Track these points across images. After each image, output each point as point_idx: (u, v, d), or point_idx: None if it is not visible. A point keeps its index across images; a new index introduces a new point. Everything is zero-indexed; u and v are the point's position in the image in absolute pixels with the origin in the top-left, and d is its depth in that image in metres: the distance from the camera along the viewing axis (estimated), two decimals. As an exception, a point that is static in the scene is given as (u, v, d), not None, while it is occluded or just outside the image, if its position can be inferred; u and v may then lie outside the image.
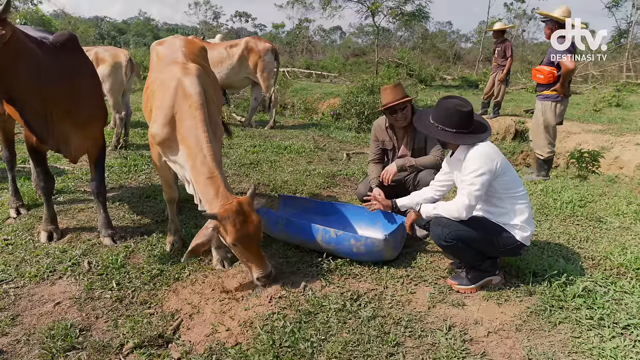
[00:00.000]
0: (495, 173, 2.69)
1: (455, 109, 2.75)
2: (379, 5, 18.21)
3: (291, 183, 5.03)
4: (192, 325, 2.58)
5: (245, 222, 2.65)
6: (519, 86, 16.85)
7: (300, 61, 24.02)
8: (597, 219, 4.16)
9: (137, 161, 5.61)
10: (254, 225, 2.68)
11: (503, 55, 8.98)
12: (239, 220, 2.62)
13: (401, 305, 2.73)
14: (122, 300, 2.77)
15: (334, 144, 7.33)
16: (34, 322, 2.54)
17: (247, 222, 2.65)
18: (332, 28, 46.95)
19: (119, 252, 3.32)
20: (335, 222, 3.69)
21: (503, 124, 9.22)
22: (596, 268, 3.23)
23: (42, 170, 3.49)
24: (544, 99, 5.42)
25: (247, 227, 2.65)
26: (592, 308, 2.67)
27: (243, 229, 2.63)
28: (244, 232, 2.64)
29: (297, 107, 10.92)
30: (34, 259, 3.19)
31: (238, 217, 2.62)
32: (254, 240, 2.71)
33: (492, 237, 2.75)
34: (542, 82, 5.36)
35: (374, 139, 3.85)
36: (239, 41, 8.24)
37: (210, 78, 3.38)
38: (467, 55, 34.63)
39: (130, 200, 4.39)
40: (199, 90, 2.90)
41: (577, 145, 8.16)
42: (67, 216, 3.95)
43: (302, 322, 2.53)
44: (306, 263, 3.21)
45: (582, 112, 11.00)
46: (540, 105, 5.50)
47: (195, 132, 2.80)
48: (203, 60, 3.63)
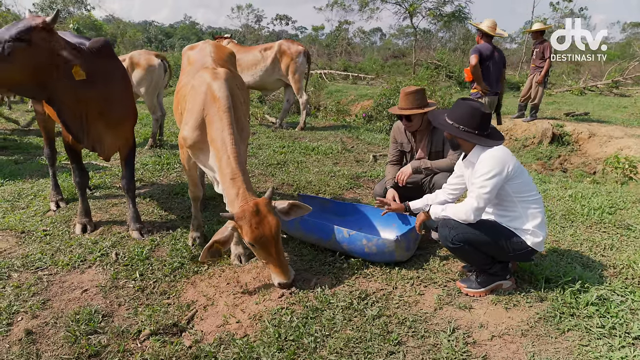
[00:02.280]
0: (508, 176, 2.68)
1: (479, 110, 2.77)
2: (417, 6, 18.05)
3: (315, 183, 5.12)
4: (205, 316, 2.72)
5: (262, 223, 2.73)
6: (563, 88, 16.27)
7: (338, 63, 24.10)
8: (625, 227, 4.02)
9: (170, 159, 5.87)
10: (270, 226, 2.74)
11: (541, 57, 8.74)
12: (255, 221, 2.72)
13: (408, 306, 2.76)
14: (144, 290, 2.96)
15: (362, 146, 7.38)
16: (62, 306, 2.76)
17: (263, 223, 2.73)
18: (372, 30, 46.75)
19: (144, 245, 3.52)
20: (352, 222, 3.76)
21: (540, 127, 8.96)
22: (616, 277, 3.14)
23: (78, 167, 3.75)
24: (475, 96, 6.23)
25: (263, 227, 2.73)
26: (605, 317, 2.62)
27: (259, 229, 2.72)
28: (260, 233, 2.72)
29: (329, 109, 11.01)
30: (67, 249, 3.44)
31: (254, 217, 2.72)
32: (271, 241, 2.75)
33: (501, 242, 2.74)
34: (468, 80, 6.40)
35: (392, 140, 3.89)
36: (273, 44, 8.44)
37: (238, 82, 3.51)
38: (511, 56, 33.54)
39: (160, 196, 4.62)
40: (226, 94, 3.04)
41: (618, 150, 7.84)
42: (102, 210, 4.21)
43: (309, 318, 2.61)
44: (319, 261, 3.30)
45: (628, 116, 10.54)
46: None
47: (221, 134, 2.93)
48: (231, 65, 3.78)
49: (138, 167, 5.54)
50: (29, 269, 3.15)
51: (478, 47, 6.20)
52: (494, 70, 6.22)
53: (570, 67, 22.06)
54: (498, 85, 6.36)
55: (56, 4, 30.53)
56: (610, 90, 16.32)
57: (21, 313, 2.67)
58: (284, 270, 2.83)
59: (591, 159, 8.33)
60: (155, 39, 43.77)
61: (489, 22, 6.33)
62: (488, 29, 6.22)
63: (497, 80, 6.34)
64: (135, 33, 33.28)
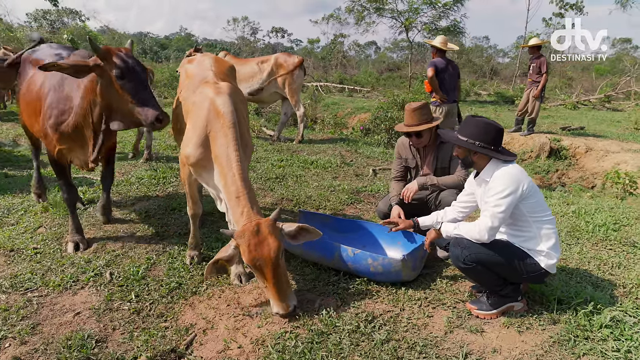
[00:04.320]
0: (522, 195, 2.61)
1: (493, 125, 2.72)
2: (413, 20, 18.18)
3: (315, 198, 5.02)
4: (205, 340, 2.59)
5: (261, 245, 2.59)
6: (557, 102, 16.37)
7: (334, 76, 24.15)
8: (631, 244, 3.95)
9: (166, 173, 5.75)
10: (269, 249, 2.59)
11: (538, 71, 8.76)
12: (254, 242, 2.59)
13: (417, 329, 2.65)
14: (140, 313, 2.82)
15: (361, 160, 7.30)
16: (53, 331, 2.62)
17: (262, 245, 2.59)
18: (367, 43, 46.97)
19: (140, 263, 3.39)
20: (355, 239, 3.65)
21: (537, 142, 8.95)
22: (627, 297, 3.06)
23: (66, 182, 3.64)
24: (432, 105, 6.88)
25: (262, 249, 2.59)
26: (620, 340, 2.52)
27: (257, 251, 2.58)
28: (257, 255, 2.58)
29: (327, 122, 10.96)
30: (59, 269, 3.30)
31: (254, 238, 2.59)
32: (268, 265, 2.59)
33: (514, 263, 2.65)
34: (428, 91, 7.10)
35: (397, 156, 3.81)
36: (270, 57, 8.38)
37: (240, 96, 3.42)
38: (504, 70, 33.90)
39: (157, 212, 4.49)
40: (231, 109, 2.93)
41: (615, 165, 7.83)
42: (95, 227, 4.08)
43: (314, 343, 2.50)
44: (323, 281, 3.19)
45: (622, 131, 10.58)
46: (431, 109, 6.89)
47: (226, 151, 2.83)
48: (232, 79, 3.68)
49: (133, 181, 5.42)
50: (18, 290, 3.00)
51: (434, 61, 6.87)
52: (449, 80, 6.86)
53: (563, 82, 22.32)
54: (454, 94, 7.00)
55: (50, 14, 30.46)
56: (602, 105, 16.46)
57: (9, 339, 2.52)
58: (281, 298, 2.63)
59: (589, 173, 8.32)
60: (151, 50, 43.72)
61: (440, 39, 7.11)
62: (440, 44, 6.97)
63: (453, 90, 6.97)
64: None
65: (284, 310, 2.63)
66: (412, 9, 18.22)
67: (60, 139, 3.37)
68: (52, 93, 3.36)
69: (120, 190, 5.12)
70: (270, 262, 2.59)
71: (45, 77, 3.46)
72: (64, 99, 3.31)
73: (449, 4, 17.86)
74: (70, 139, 3.37)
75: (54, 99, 3.35)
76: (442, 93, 6.80)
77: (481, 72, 31.89)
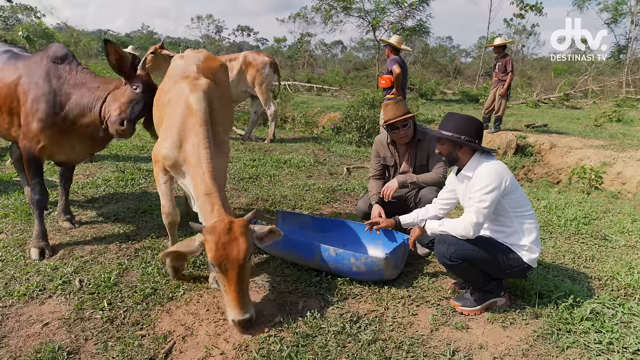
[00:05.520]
0: (505, 191, 2.62)
1: (474, 119, 2.75)
2: (380, 20, 18.32)
3: (290, 198, 4.95)
4: (185, 348, 2.48)
5: (229, 245, 2.42)
6: (519, 100, 16.85)
7: (302, 75, 24.10)
8: (602, 237, 4.07)
9: (135, 174, 5.54)
10: (237, 250, 2.42)
11: (504, 70, 8.97)
12: (223, 240, 2.42)
13: (403, 328, 2.62)
14: (113, 321, 2.67)
15: (334, 158, 7.27)
16: (20, 344, 2.44)
17: (231, 245, 2.43)
18: (334, 42, 47.12)
19: (112, 269, 3.22)
20: (335, 239, 3.60)
21: (504, 139, 9.17)
22: (603, 289, 3.14)
23: (39, 182, 3.46)
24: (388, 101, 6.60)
25: (230, 250, 2.42)
26: (601, 332, 2.57)
27: (224, 250, 2.41)
28: (224, 254, 2.41)
29: (297, 121, 10.88)
30: (23, 277, 3.09)
31: (224, 236, 2.43)
32: (234, 267, 2.41)
33: (498, 258, 2.66)
34: (384, 87, 7.25)
35: (374, 154, 3.78)
36: (238, 55, 8.23)
37: (223, 95, 3.28)
38: (467, 69, 34.74)
39: (126, 215, 4.30)
40: (203, 106, 2.82)
41: (578, 160, 8.11)
42: (60, 232, 3.86)
43: (300, 346, 2.42)
44: (304, 282, 3.12)
45: (583, 128, 10.97)
46: None
47: (197, 149, 2.72)
48: (221, 77, 3.51)
49: (99, 183, 5.19)
50: (-21, 301, 2.80)
51: (396, 59, 7.09)
52: (404, 78, 7.26)
53: (524, 81, 23.00)
54: (405, 91, 7.45)
55: (4, 10, 29.04)
56: (562, 103, 17.06)
57: (-29, 354, 2.34)
58: (241, 304, 2.42)
59: (553, 169, 8.59)
60: (111, 49, 42.37)
61: (396, 38, 7.39)
62: (396, 43, 7.20)
63: (405, 87, 7.45)
64: (89, 42, 32.08)
65: (240, 316, 2.41)
66: (379, 8, 18.38)
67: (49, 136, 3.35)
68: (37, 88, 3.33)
69: (86, 192, 4.89)
70: (237, 264, 2.42)
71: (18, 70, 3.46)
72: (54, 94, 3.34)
73: (414, 4, 18.10)
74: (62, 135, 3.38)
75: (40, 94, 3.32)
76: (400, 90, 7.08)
77: (445, 71, 32.56)
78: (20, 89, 3.39)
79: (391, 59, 7.14)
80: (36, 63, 3.44)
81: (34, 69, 3.40)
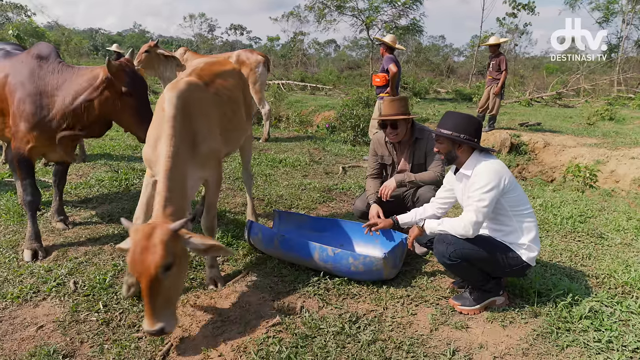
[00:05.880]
0: (504, 189, 2.61)
1: (474, 118, 2.75)
2: (374, 19, 18.32)
3: (286, 197, 4.92)
4: (182, 350, 2.44)
5: (145, 252, 2.16)
6: (512, 99, 16.92)
7: (295, 74, 24.01)
8: (598, 235, 4.08)
9: (129, 174, 5.48)
10: (151, 259, 2.14)
11: (498, 69, 8.99)
12: (140, 246, 2.18)
13: (402, 328, 2.61)
14: (109, 323, 2.63)
15: (330, 157, 7.24)
16: (14, 347, 2.40)
17: (146, 252, 2.16)
18: (327, 41, 47.14)
19: (107, 271, 3.18)
20: (332, 238, 3.58)
21: (499, 137, 9.18)
22: (600, 287, 3.14)
23: (31, 183, 3.40)
24: (382, 99, 6.61)
25: (144, 257, 2.16)
26: (600, 330, 2.57)
27: (139, 256, 2.17)
28: (138, 261, 2.17)
29: (292, 120, 10.84)
30: (17, 279, 3.04)
31: (141, 241, 2.18)
32: (146, 276, 2.16)
33: (498, 257, 2.65)
34: (379, 85, 7.19)
35: (372, 153, 3.76)
36: (231, 53, 8.19)
37: (211, 95, 3.11)
38: (460, 68, 34.83)
39: (120, 215, 4.19)
40: (174, 104, 2.69)
41: (572, 159, 8.14)
42: (54, 233, 3.81)
43: (299, 347, 2.40)
44: (302, 282, 3.09)
45: (576, 126, 11.03)
46: (378, 103, 7.20)
47: (162, 146, 2.59)
48: (228, 80, 3.40)
49: (93, 183, 5.13)
50: (-28, 304, 2.74)
51: (392, 57, 7.09)
52: (399, 77, 7.25)
53: (516, 80, 23.11)
54: (398, 89, 7.37)
55: (-7, 9, 28.77)
56: (554, 102, 17.16)
57: (-36, 358, 2.29)
58: (151, 315, 2.18)
59: (547, 167, 8.61)
60: (102, 47, 42.11)
61: (391, 37, 7.36)
62: (391, 42, 7.18)
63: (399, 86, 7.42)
64: (80, 41, 31.84)
65: (148, 327, 2.18)
66: (373, 7, 18.38)
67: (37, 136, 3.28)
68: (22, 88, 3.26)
69: (80, 193, 4.84)
70: (147, 274, 2.16)
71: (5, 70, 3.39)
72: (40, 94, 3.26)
73: (408, 3, 18.12)
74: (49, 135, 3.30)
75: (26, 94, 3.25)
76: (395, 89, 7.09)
77: (438, 70, 32.61)
78: (7, 89, 3.33)
79: (387, 58, 7.13)
80: (21, 62, 3.37)
81: (20, 68, 3.34)
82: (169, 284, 2.23)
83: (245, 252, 3.53)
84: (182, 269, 2.35)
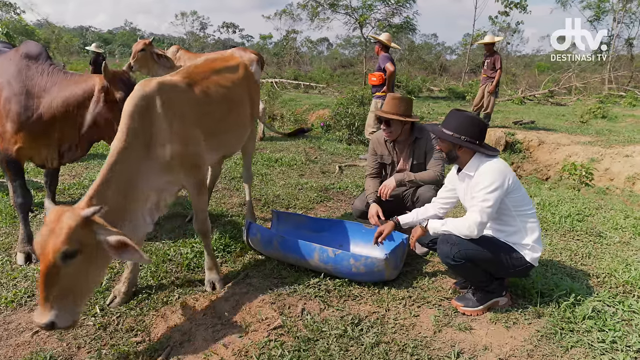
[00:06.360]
0: (508, 189, 2.59)
1: (478, 119, 2.71)
2: (367, 17, 18.28)
3: (283, 197, 4.87)
4: (182, 354, 2.39)
5: (48, 235, 1.99)
6: (504, 97, 16.98)
7: (288, 72, 23.92)
8: (597, 234, 4.08)
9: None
10: (51, 243, 1.96)
11: (492, 67, 9.00)
12: (47, 229, 2.01)
13: (405, 330, 2.58)
14: (107, 328, 2.57)
15: (326, 156, 7.20)
16: (10, 353, 2.33)
17: (49, 235, 1.99)
18: (319, 39, 46.98)
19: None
20: (331, 239, 3.55)
21: (494, 136, 9.20)
22: (601, 286, 3.13)
23: (21, 184, 3.30)
24: (378, 98, 7.04)
25: (46, 240, 1.98)
26: (604, 330, 2.56)
27: (42, 239, 2.00)
28: (39, 243, 2.00)
29: (286, 118, 10.78)
30: (10, 283, 2.97)
31: (49, 224, 2.02)
32: (43, 261, 1.97)
33: (502, 258, 2.63)
34: (375, 84, 7.17)
35: (372, 152, 3.73)
36: (225, 52, 8.10)
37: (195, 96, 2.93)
38: (452, 67, 34.88)
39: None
40: (135, 102, 2.54)
41: (567, 157, 8.17)
42: (48, 234, 3.73)
43: (301, 351, 2.36)
44: (303, 284, 3.05)
45: (570, 124, 11.08)
46: (374, 102, 7.22)
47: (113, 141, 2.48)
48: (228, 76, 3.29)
49: (86, 184, 5.04)
50: (-36, 309, 2.67)
51: (388, 56, 7.08)
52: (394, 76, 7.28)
53: (508, 78, 23.20)
54: (393, 88, 7.39)
55: (-19, 7, 28.34)
56: (547, 100, 17.24)
57: (-43, 366, 2.23)
58: (41, 304, 1.99)
59: (542, 165, 8.65)
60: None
61: (386, 36, 7.32)
62: (386, 41, 7.17)
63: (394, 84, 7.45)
64: (71, 39, 31.50)
65: (35, 318, 2.00)
66: (366, 5, 18.35)
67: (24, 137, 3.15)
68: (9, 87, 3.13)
69: (73, 193, 4.75)
70: (45, 259, 1.98)
71: None
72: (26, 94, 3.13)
73: (401, 1, 18.11)
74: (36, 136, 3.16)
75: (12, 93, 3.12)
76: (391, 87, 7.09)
77: (431, 68, 32.64)
78: None
79: (383, 57, 7.09)
80: (9, 60, 3.27)
81: (7, 66, 3.20)
82: (69, 273, 2.01)
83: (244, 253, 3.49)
84: (91, 261, 2.09)
